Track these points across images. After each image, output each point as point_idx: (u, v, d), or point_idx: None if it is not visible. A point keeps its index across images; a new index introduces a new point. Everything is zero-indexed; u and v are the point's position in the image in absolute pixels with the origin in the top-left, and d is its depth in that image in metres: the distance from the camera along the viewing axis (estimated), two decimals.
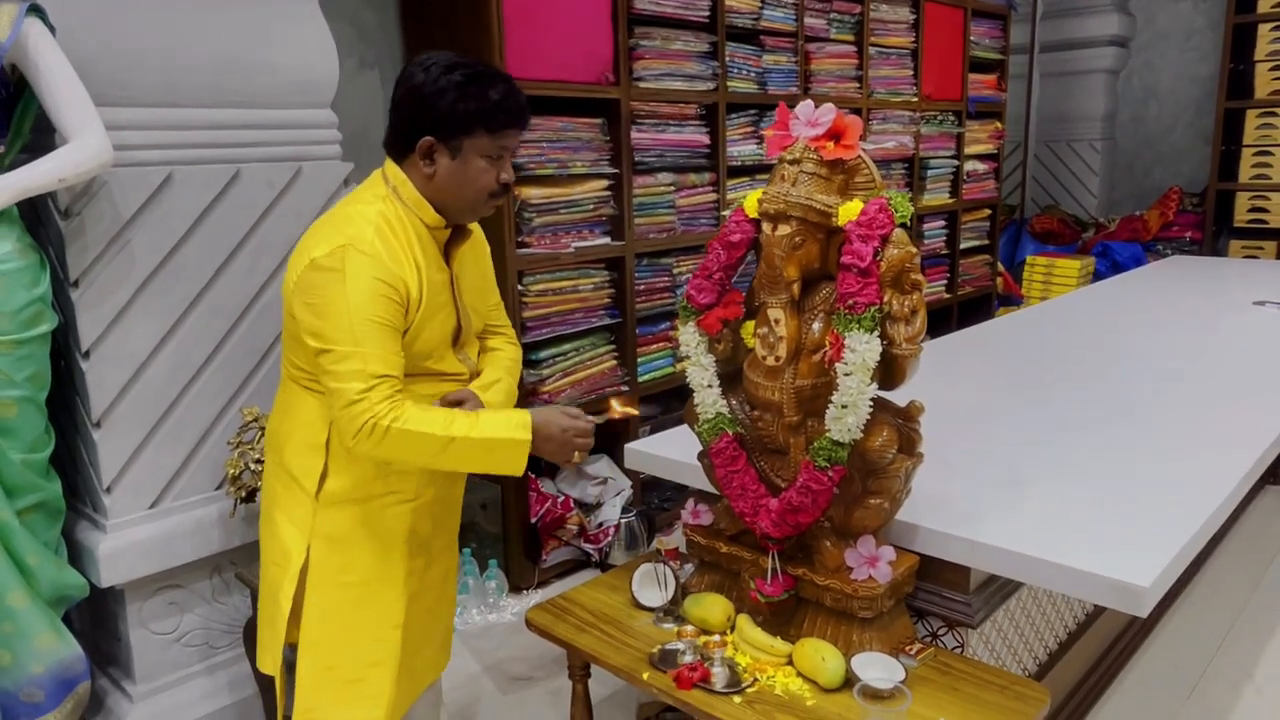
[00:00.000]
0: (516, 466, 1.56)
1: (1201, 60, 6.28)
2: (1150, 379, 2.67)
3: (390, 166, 1.60)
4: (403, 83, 1.56)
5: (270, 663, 1.72)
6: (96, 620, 2.30)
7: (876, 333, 1.54)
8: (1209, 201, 5.91)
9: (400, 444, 1.48)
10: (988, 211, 5.43)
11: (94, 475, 2.09)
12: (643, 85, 3.26)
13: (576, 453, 1.61)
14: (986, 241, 5.47)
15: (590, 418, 1.64)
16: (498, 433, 1.53)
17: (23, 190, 1.81)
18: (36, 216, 2.04)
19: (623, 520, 3.23)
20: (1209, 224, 5.94)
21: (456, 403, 1.64)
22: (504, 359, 1.79)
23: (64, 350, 2.07)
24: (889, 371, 1.60)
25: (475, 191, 1.59)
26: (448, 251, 1.66)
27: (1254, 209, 5.72)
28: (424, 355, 1.61)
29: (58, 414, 2.08)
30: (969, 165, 5.14)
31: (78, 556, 2.11)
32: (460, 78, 1.52)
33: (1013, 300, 5.78)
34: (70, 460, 2.17)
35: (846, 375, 1.54)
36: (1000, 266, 5.73)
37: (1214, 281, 4.36)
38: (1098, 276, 5.77)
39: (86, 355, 2.02)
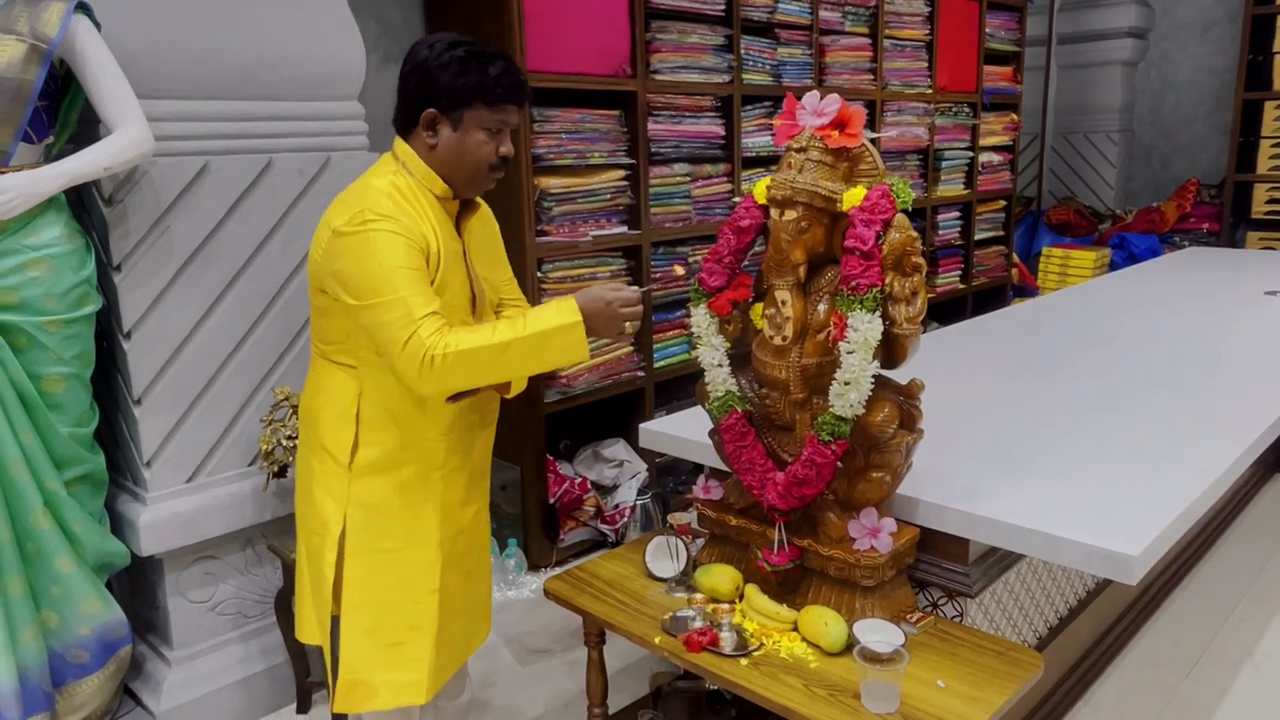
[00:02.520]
0: (579, 351, 1.59)
1: (1220, 52, 6.27)
2: (1156, 365, 2.73)
3: (398, 143, 1.69)
4: (408, 60, 1.65)
5: (317, 632, 1.78)
6: (136, 589, 2.41)
7: (878, 313, 1.61)
8: (1227, 193, 5.92)
9: (459, 367, 1.53)
10: (1003, 203, 5.46)
11: (135, 450, 2.20)
12: (659, 78, 3.34)
13: (628, 324, 1.65)
14: (1001, 233, 5.50)
15: (633, 288, 1.68)
16: (548, 323, 1.57)
17: (72, 178, 1.92)
18: (81, 203, 2.15)
19: (638, 502, 3.32)
20: (1226, 215, 5.95)
21: None
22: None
23: (107, 331, 2.18)
24: (890, 351, 1.67)
25: (475, 162, 1.66)
26: (458, 224, 1.74)
27: (1272, 200, 5.73)
28: None
29: (100, 392, 2.20)
30: (984, 157, 5.18)
31: (119, 527, 2.22)
32: (463, 53, 1.60)
33: (1028, 291, 5.82)
34: (112, 436, 2.28)
35: (849, 353, 1.62)
36: (1015, 257, 5.77)
37: (1229, 272, 4.38)
38: (1114, 268, 5.79)
39: (128, 335, 2.13)
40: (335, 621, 1.75)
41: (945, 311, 5.07)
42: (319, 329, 1.72)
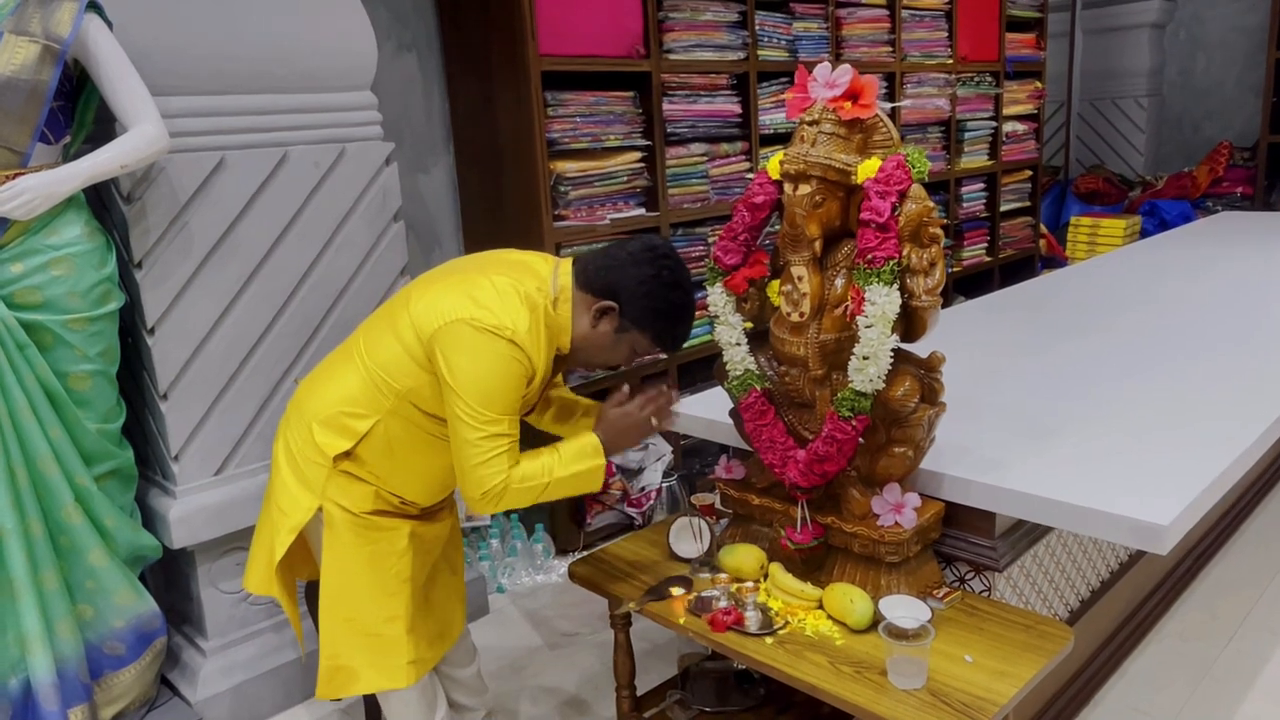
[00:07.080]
0: (597, 483, 1.75)
1: (1250, 10, 6.11)
2: (1188, 332, 2.67)
3: (565, 275, 1.72)
4: (644, 256, 1.69)
5: (259, 584, 1.86)
6: (170, 581, 2.45)
7: (896, 286, 1.58)
8: (1260, 155, 5.78)
9: (516, 497, 1.67)
10: (1029, 173, 5.36)
11: (163, 444, 2.23)
12: (673, 57, 3.31)
13: (653, 419, 1.78)
14: (1028, 203, 5.41)
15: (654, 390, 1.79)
16: (582, 464, 1.71)
17: (90, 177, 1.93)
18: (101, 202, 2.18)
19: (664, 484, 3.32)
20: (1260, 178, 5.81)
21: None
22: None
23: (130, 327, 2.20)
24: (910, 323, 1.65)
25: (605, 360, 1.80)
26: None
27: None
28: None
29: (127, 388, 2.22)
30: (1008, 126, 5.09)
31: (150, 520, 2.25)
32: (676, 300, 1.71)
33: (1056, 262, 5.72)
34: (140, 431, 2.31)
35: (868, 327, 1.60)
36: (1043, 228, 5.67)
37: (1263, 236, 4.27)
38: (1145, 235, 5.68)
39: (151, 331, 2.15)
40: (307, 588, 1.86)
41: (971, 285, 5.00)
42: (388, 354, 1.69)
